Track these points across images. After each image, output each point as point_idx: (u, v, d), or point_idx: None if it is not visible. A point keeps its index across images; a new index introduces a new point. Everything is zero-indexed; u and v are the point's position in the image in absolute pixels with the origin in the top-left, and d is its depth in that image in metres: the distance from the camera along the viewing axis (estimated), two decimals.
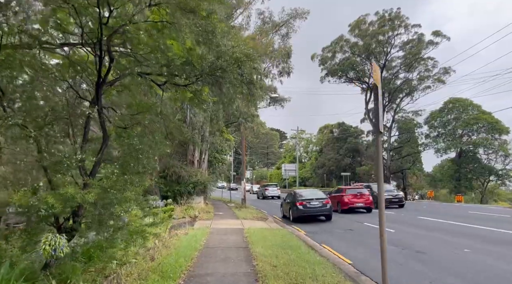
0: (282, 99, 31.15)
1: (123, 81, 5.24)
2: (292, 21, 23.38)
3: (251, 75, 5.40)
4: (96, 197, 4.01)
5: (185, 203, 18.07)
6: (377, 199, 16.23)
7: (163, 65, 4.81)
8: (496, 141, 37.27)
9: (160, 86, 5.05)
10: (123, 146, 4.26)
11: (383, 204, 3.85)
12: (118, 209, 4.00)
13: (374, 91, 3.62)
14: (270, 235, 10.03)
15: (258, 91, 5.91)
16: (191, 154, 21.75)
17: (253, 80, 5.48)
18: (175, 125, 6.21)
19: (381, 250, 3.69)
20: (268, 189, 36.53)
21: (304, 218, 15.11)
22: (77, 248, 5.01)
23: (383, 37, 39.89)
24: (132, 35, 4.86)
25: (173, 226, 11.39)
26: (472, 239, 9.44)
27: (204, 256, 7.28)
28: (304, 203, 15.17)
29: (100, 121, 4.63)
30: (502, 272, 6.16)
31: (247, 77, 5.36)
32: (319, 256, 7.38)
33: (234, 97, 5.32)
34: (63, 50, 5.51)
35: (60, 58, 5.53)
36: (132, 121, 4.42)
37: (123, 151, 4.26)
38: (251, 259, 6.92)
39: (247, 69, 5.37)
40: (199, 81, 4.94)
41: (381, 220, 3.72)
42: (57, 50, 5.54)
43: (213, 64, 4.79)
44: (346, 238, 10.41)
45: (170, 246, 8.01)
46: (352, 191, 19.13)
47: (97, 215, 4.50)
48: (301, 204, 15.14)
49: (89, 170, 4.69)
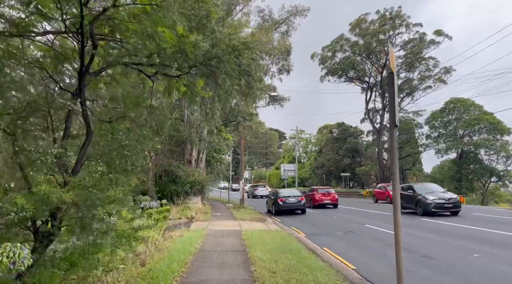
0: (282, 99, 30.77)
1: (111, 72, 4.81)
2: (292, 18, 23.00)
3: (249, 66, 4.98)
4: (75, 198, 3.59)
5: (182, 204, 17.66)
6: (422, 203, 15.44)
7: (153, 53, 4.39)
8: (497, 142, 36.91)
9: (150, 77, 4.62)
10: (108, 141, 3.84)
11: (399, 207, 3.37)
12: (100, 211, 3.58)
13: (390, 79, 3.20)
14: (269, 237, 9.62)
15: (257, 84, 5.51)
16: (189, 153, 21.34)
17: (251, 72, 5.06)
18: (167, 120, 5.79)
19: (396, 260, 3.26)
20: (257, 189, 41.01)
21: (283, 212, 18.42)
22: (57, 254, 4.59)
23: (384, 36, 39.52)
24: (119, 21, 4.44)
25: (168, 227, 10.97)
26: (480, 243, 9.04)
27: (199, 261, 6.86)
28: (283, 199, 18.63)
29: (83, 114, 4.21)
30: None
31: (245, 69, 4.94)
32: (321, 260, 6.96)
33: (231, 89, 4.90)
34: (46, 38, 5.08)
35: (44, 49, 5.10)
36: (117, 114, 4.00)
37: (108, 147, 3.84)
38: (249, 264, 6.50)
39: (245, 60, 4.96)
40: (193, 71, 4.52)
41: (397, 226, 3.27)
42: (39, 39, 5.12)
43: (207, 53, 4.38)
44: (347, 241, 10.01)
45: (164, 250, 7.59)
46: (321, 190, 23.08)
47: (79, 218, 4.08)
48: (281, 200, 18.61)
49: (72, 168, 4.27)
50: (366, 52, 40.80)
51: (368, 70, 43.39)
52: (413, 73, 40.41)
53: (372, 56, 41.20)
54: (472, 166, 38.55)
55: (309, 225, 13.88)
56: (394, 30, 39.21)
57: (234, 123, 26.51)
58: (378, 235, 10.76)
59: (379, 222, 13.85)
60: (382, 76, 41.32)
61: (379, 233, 11.24)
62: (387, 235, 10.78)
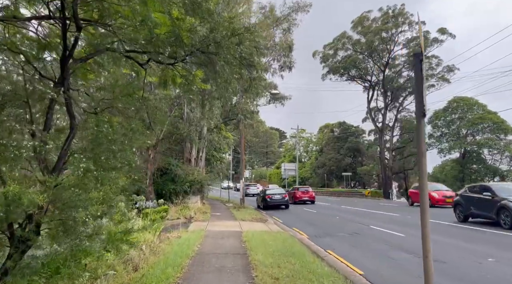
0: (283, 97, 30.31)
1: (100, 60, 4.38)
2: (294, 14, 22.53)
3: (251, 55, 4.54)
4: (52, 199, 3.16)
5: (181, 203, 17.25)
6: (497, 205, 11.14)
7: (145, 40, 3.96)
8: (501, 141, 36.42)
9: (142, 65, 4.20)
10: (93, 135, 3.41)
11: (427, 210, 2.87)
12: (82, 214, 3.15)
13: (417, 61, 2.75)
14: (270, 239, 9.19)
15: (260, 74, 5.07)
16: (188, 152, 20.92)
17: (253, 62, 4.63)
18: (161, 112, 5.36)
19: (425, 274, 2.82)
20: (249, 188, 44.47)
21: (270, 207, 21.53)
22: (39, 260, 4.16)
23: (387, 34, 38.99)
24: (107, 3, 4.01)
25: (166, 228, 10.55)
26: (493, 246, 8.61)
27: (197, 265, 6.44)
28: (270, 196, 22.16)
29: (67, 104, 3.78)
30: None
31: (246, 58, 4.50)
32: (327, 265, 6.53)
33: (231, 78, 4.47)
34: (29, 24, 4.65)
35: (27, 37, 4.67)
36: (104, 105, 3.57)
37: (92, 141, 3.41)
38: (250, 269, 6.08)
39: (247, 48, 4.52)
40: (188, 57, 4.08)
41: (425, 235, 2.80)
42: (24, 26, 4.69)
43: (205, 39, 3.95)
44: (352, 243, 9.57)
45: (159, 252, 7.17)
46: (301, 189, 27.36)
47: (61, 220, 3.65)
48: (268, 197, 22.05)
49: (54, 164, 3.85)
50: (368, 50, 40.27)
51: (370, 69, 42.89)
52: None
53: (374, 55, 40.68)
54: (475, 166, 38.08)
55: (311, 226, 13.45)
56: (397, 28, 38.66)
57: (234, 121, 26.08)
58: (384, 237, 10.33)
59: (383, 223, 13.42)
60: (384, 74, 40.84)
61: (385, 234, 10.81)
62: (393, 237, 10.36)
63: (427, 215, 2.78)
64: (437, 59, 38.42)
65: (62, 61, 3.76)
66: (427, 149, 43.37)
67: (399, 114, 42.64)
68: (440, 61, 38.25)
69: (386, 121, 42.10)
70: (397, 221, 14.29)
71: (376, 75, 42.60)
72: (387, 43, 39.44)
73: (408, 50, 39.22)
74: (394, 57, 40.57)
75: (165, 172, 18.23)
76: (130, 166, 3.48)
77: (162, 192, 17.31)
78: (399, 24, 38.51)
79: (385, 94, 41.48)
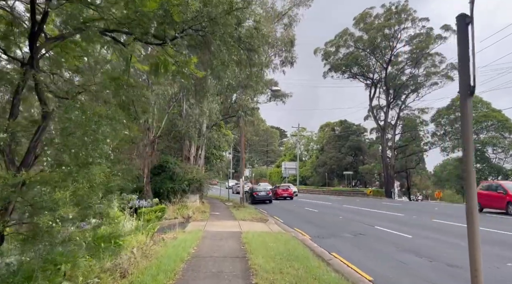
0: (284, 95, 29.77)
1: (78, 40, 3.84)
2: (295, 8, 21.97)
3: (251, 37, 3.99)
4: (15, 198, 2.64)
5: (179, 202, 16.68)
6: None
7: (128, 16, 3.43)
8: (505, 140, 35.81)
9: (125, 46, 3.67)
10: (62, 123, 2.89)
11: (477, 219, 2.25)
12: (46, 218, 2.62)
13: (463, 26, 2.21)
14: (271, 240, 8.66)
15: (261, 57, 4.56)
16: (187, 150, 20.40)
17: (254, 45, 4.09)
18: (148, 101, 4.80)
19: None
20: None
21: (257, 202, 25.04)
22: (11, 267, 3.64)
23: (389, 31, 38.33)
24: None
25: (162, 228, 10.03)
26: (509, 249, 8.08)
27: (192, 270, 5.92)
28: (257, 193, 26.26)
29: (36, 88, 3.25)
30: None
31: (246, 41, 3.97)
32: (333, 270, 6.00)
33: (229, 60, 3.93)
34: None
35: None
36: (75, 89, 3.03)
37: (62, 131, 2.89)
38: (250, 275, 5.55)
39: (246, 31, 3.99)
40: (180, 37, 3.55)
41: (474, 243, 2.21)
42: None
43: (199, 14, 3.42)
44: (358, 245, 9.05)
45: (152, 256, 6.64)
46: (282, 187, 31.80)
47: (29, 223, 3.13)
48: (256, 194, 26.11)
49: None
50: (371, 47, 39.61)
51: (372, 66, 42.22)
52: (418, 69, 39.19)
53: (376, 52, 40.04)
54: (479, 165, 37.46)
55: (314, 226, 12.93)
56: (400, 24, 38.00)
57: (234, 118, 25.51)
58: (391, 239, 9.80)
59: (388, 223, 12.90)
60: (387, 72, 40.23)
61: (392, 236, 10.28)
62: (401, 238, 9.84)
63: (476, 218, 2.21)
64: (440, 57, 37.79)
65: (30, 37, 3.23)
66: (430, 147, 43.02)
67: (402, 112, 42.00)
68: (444, 59, 37.62)
69: (388, 119, 41.51)
70: (402, 222, 13.76)
71: (379, 72, 41.95)
72: (390, 40, 38.81)
73: (411, 47, 38.58)
74: (396, 54, 39.91)
75: (163, 170, 17.69)
76: (108, 160, 2.95)
77: (160, 191, 16.78)
78: (402, 20, 37.85)
79: (387, 92, 40.85)
